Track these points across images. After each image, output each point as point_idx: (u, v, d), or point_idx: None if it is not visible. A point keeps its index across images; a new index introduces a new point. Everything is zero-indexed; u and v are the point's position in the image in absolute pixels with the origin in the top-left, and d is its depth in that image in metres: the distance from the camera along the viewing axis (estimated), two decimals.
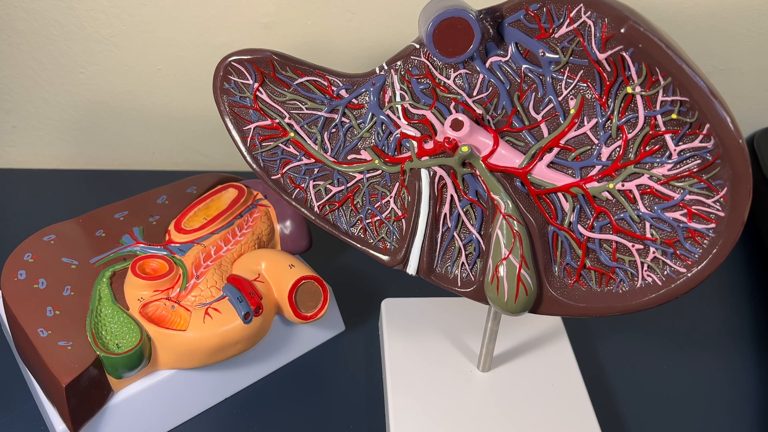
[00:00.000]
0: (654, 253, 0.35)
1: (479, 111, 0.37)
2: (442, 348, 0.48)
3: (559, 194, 0.36)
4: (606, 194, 0.35)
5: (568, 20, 0.33)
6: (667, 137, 0.33)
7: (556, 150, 0.36)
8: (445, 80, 0.37)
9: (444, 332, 0.49)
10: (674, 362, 0.51)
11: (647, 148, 0.34)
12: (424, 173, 0.39)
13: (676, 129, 0.33)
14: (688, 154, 0.33)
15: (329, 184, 0.42)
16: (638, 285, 0.36)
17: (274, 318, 0.46)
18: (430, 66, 0.37)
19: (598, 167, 0.35)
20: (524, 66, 0.35)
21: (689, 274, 0.34)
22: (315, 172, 0.42)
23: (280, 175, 0.42)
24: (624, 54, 0.32)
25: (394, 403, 0.44)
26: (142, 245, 0.47)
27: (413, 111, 0.38)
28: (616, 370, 0.50)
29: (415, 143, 0.39)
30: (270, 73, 0.40)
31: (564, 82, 0.35)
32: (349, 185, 0.42)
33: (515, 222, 0.37)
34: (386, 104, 0.39)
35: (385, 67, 0.39)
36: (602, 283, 0.37)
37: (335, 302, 0.52)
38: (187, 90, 0.64)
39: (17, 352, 0.45)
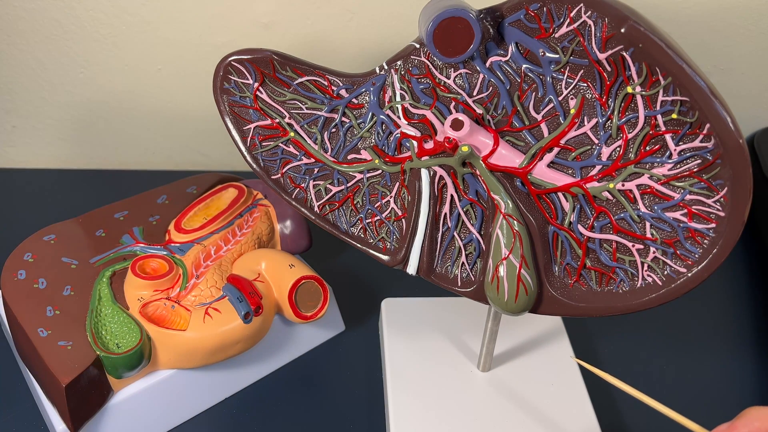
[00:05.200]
0: (654, 253, 0.35)
1: (479, 111, 0.37)
2: (442, 348, 0.48)
3: (560, 194, 0.36)
4: (606, 194, 0.35)
5: (568, 20, 0.33)
6: (668, 137, 0.33)
7: (556, 150, 0.36)
8: (446, 80, 0.37)
9: (444, 332, 0.49)
10: (674, 362, 0.51)
11: (647, 148, 0.34)
12: (424, 173, 0.39)
13: (677, 129, 0.33)
14: (688, 154, 0.33)
15: (329, 183, 0.42)
16: (638, 285, 0.36)
17: (274, 318, 0.46)
18: (431, 66, 0.37)
19: (598, 167, 0.35)
20: (524, 66, 0.35)
21: (689, 274, 0.34)
22: (315, 171, 0.42)
23: (280, 175, 0.42)
24: (624, 54, 0.32)
25: (394, 402, 0.44)
26: (142, 245, 0.47)
27: (413, 111, 0.38)
28: (616, 370, 0.50)
29: (415, 143, 0.39)
30: (270, 73, 0.40)
31: (564, 81, 0.35)
32: (349, 185, 0.41)
33: (515, 222, 0.37)
34: (386, 104, 0.39)
35: (385, 67, 0.39)
36: (602, 283, 0.37)
37: (335, 302, 0.52)
38: (187, 90, 0.64)
39: (17, 352, 0.45)
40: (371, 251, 0.42)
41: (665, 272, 0.35)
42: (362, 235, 0.42)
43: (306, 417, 0.46)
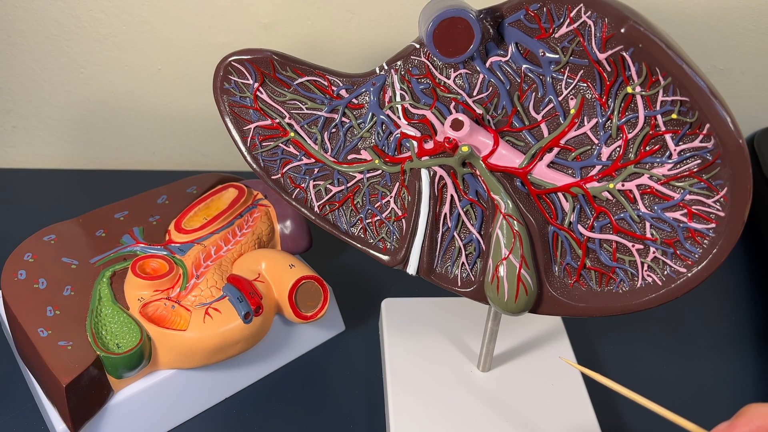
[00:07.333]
0: (654, 253, 0.35)
1: (479, 111, 0.37)
2: (442, 348, 0.48)
3: (560, 194, 0.36)
4: (606, 194, 0.35)
5: (568, 20, 0.33)
6: (667, 137, 0.33)
7: (556, 150, 0.36)
8: (446, 80, 0.37)
9: (444, 332, 0.49)
10: (674, 362, 0.51)
11: (647, 148, 0.34)
12: (424, 173, 0.39)
13: (676, 129, 0.33)
14: (688, 154, 0.33)
15: (329, 184, 0.42)
16: (638, 285, 0.36)
17: (274, 318, 0.46)
18: (431, 66, 0.37)
19: (598, 167, 0.35)
20: (524, 66, 0.35)
21: (689, 274, 0.34)
22: (315, 172, 0.42)
23: (280, 175, 0.42)
24: (624, 54, 0.32)
25: (394, 403, 0.44)
26: (142, 245, 0.47)
27: (413, 111, 0.38)
28: (616, 370, 0.50)
29: (415, 143, 0.39)
30: (270, 73, 0.40)
31: (564, 82, 0.35)
32: (349, 185, 0.42)
33: (515, 222, 0.37)
34: (386, 104, 0.39)
35: (385, 67, 0.39)
36: (602, 283, 0.37)
37: (335, 302, 0.52)
38: (187, 90, 0.64)
39: (17, 352, 0.45)
40: (371, 251, 0.42)
41: (665, 272, 0.35)
42: (362, 235, 0.42)
43: (306, 417, 0.46)
